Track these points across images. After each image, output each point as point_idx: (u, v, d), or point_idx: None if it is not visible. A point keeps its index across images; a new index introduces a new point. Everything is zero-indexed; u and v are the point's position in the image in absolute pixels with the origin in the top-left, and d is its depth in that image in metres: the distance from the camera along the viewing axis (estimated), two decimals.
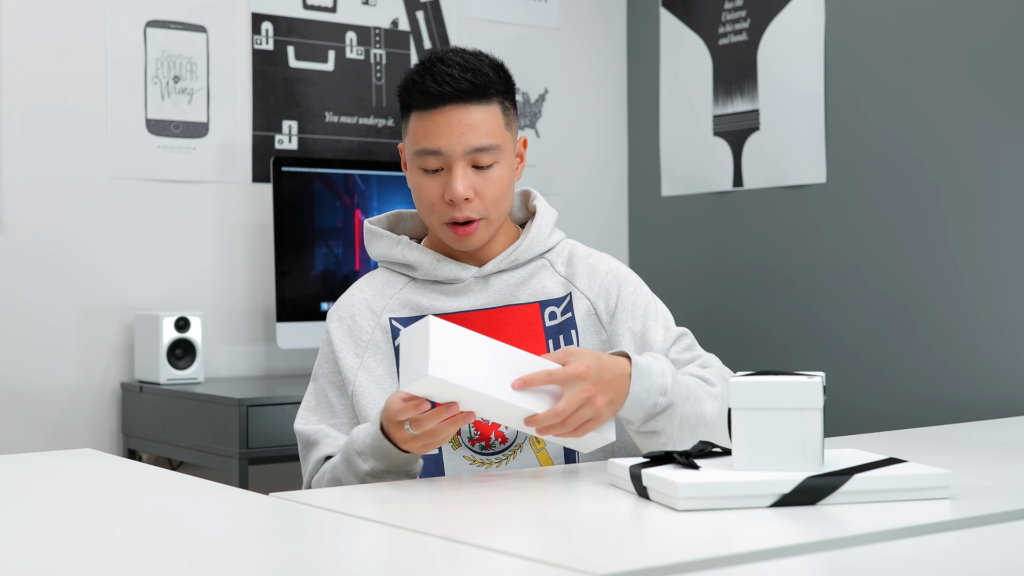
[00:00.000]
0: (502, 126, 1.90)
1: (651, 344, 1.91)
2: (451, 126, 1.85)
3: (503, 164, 1.90)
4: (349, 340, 1.92)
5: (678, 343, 1.93)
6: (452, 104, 1.85)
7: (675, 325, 1.96)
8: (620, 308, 1.94)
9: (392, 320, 1.93)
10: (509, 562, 1.21)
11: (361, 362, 1.91)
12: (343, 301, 1.97)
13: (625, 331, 1.92)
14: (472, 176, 1.87)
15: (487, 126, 1.87)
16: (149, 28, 3.47)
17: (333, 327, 1.94)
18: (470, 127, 1.86)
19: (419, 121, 1.87)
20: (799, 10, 3.74)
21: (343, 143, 3.77)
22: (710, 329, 3.97)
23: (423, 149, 1.87)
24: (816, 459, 1.48)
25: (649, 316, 1.94)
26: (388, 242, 1.98)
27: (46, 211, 3.33)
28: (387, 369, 1.90)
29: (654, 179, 4.22)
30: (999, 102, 3.25)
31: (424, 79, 1.86)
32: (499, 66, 1.92)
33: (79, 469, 1.87)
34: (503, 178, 1.90)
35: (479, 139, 1.86)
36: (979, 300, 3.29)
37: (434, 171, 1.88)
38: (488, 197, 1.88)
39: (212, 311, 3.54)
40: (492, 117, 1.88)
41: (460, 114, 1.85)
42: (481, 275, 1.94)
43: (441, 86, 1.85)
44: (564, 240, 2.03)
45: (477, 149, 1.86)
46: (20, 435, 3.28)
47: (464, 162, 1.86)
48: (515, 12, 4.12)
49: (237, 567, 1.22)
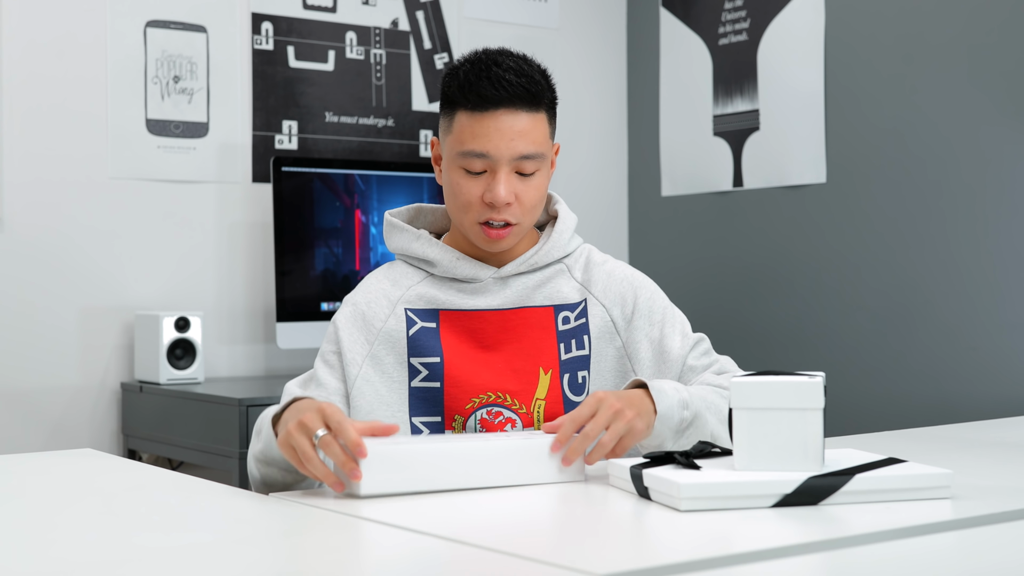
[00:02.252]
0: (547, 135, 1.91)
1: (668, 351, 1.91)
2: (501, 131, 1.85)
3: (543, 172, 1.91)
4: (362, 325, 1.91)
5: (695, 349, 1.93)
6: (504, 109, 1.85)
7: (691, 331, 1.96)
8: (637, 315, 1.94)
9: (408, 311, 1.93)
10: (509, 562, 1.21)
11: (370, 349, 1.90)
12: (360, 288, 1.97)
13: (643, 338, 1.93)
14: (514, 181, 1.87)
15: (535, 134, 1.87)
16: (149, 28, 3.47)
17: (345, 314, 1.94)
18: (520, 133, 1.86)
19: (468, 121, 1.86)
20: (799, 10, 3.74)
21: (343, 143, 3.77)
22: (710, 329, 3.96)
23: (470, 151, 1.86)
24: (817, 459, 1.48)
25: (667, 323, 1.94)
26: (408, 236, 1.98)
27: (46, 211, 3.33)
28: (397, 358, 1.90)
29: (654, 179, 4.22)
30: (999, 102, 3.25)
31: (480, 81, 1.85)
32: (546, 74, 1.93)
33: (79, 469, 1.86)
34: (542, 186, 1.91)
35: (527, 147, 1.86)
36: (979, 300, 3.29)
37: (476, 173, 1.88)
38: (527, 203, 1.89)
39: (212, 311, 3.54)
40: (540, 125, 1.89)
41: (511, 120, 1.85)
42: (500, 276, 1.94)
43: (497, 90, 1.84)
44: (582, 246, 2.03)
45: (524, 156, 1.86)
46: (20, 435, 3.28)
47: (509, 167, 1.86)
48: (515, 12, 4.12)
49: (237, 567, 1.22)
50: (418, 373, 1.89)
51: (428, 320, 1.92)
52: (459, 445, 1.60)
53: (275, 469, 1.73)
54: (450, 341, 1.91)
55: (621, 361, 1.94)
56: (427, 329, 1.91)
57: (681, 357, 1.91)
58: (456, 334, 1.91)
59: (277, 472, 1.73)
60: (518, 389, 1.88)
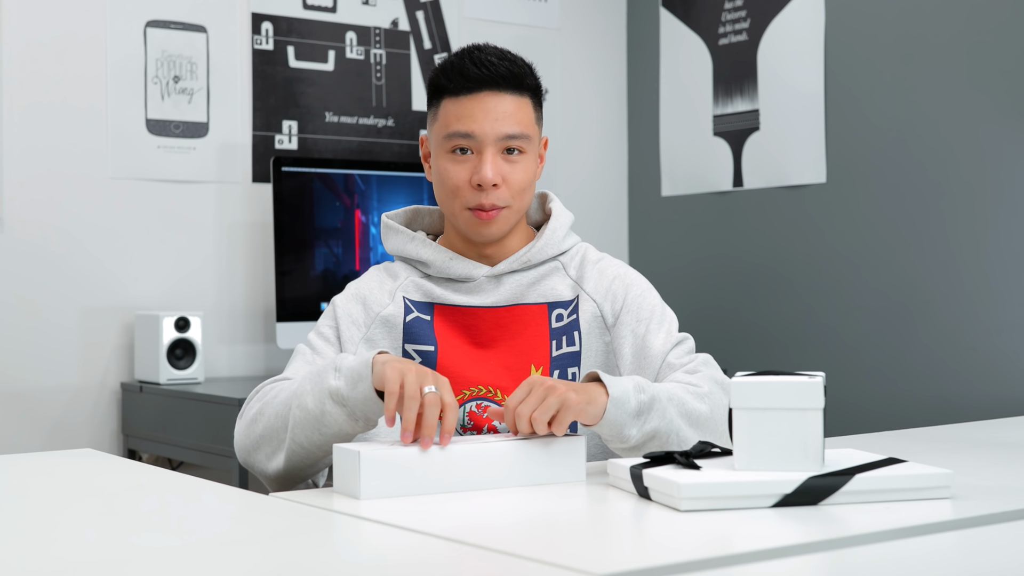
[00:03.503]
0: (533, 120, 1.94)
1: (649, 347, 1.91)
2: (486, 111, 1.88)
3: (530, 156, 1.93)
4: (360, 308, 1.93)
5: (677, 348, 1.92)
6: (488, 90, 1.89)
7: (678, 332, 1.95)
8: (625, 311, 1.94)
9: (406, 299, 1.94)
10: (509, 562, 1.20)
11: (366, 332, 1.92)
12: (361, 278, 2.00)
13: (628, 333, 1.93)
14: (501, 163, 1.89)
15: (520, 115, 1.91)
16: (149, 28, 3.47)
17: (346, 295, 1.96)
18: (504, 114, 1.89)
19: (452, 105, 1.90)
20: (799, 10, 3.74)
21: (343, 143, 3.77)
22: (710, 329, 3.96)
23: (455, 132, 1.89)
24: (817, 459, 1.48)
25: (654, 321, 1.93)
26: (403, 237, 1.99)
27: (46, 211, 3.33)
28: (393, 343, 1.92)
29: (654, 179, 4.22)
30: (999, 102, 3.25)
31: (463, 62, 1.89)
32: (530, 65, 1.97)
33: (79, 469, 1.86)
34: (529, 169, 1.93)
35: (512, 127, 1.89)
36: (979, 300, 3.29)
37: (463, 157, 1.89)
38: (515, 185, 1.90)
39: (212, 311, 3.54)
40: (525, 108, 1.92)
41: (495, 100, 1.89)
42: (493, 274, 1.95)
43: (480, 69, 1.88)
44: (579, 244, 2.04)
45: (509, 136, 1.89)
46: (20, 435, 3.28)
47: (495, 148, 1.89)
48: (515, 12, 4.11)
49: (237, 567, 1.22)
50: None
51: (424, 312, 1.94)
52: (458, 448, 1.60)
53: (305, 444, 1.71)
54: (444, 334, 1.92)
55: (609, 356, 1.94)
56: (422, 320, 1.93)
57: (661, 354, 1.89)
58: (450, 328, 1.93)
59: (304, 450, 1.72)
60: (509, 385, 1.89)
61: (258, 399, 1.84)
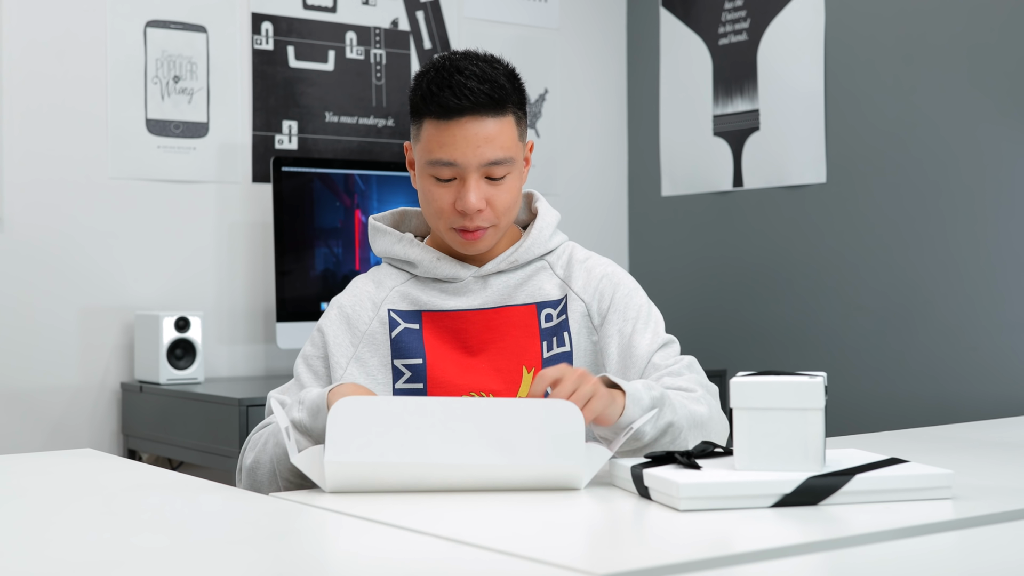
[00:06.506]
0: (516, 138, 1.90)
1: (635, 347, 1.90)
2: (467, 139, 1.84)
3: (515, 175, 1.90)
4: (346, 328, 1.93)
5: (663, 349, 1.92)
6: (468, 116, 1.84)
7: (665, 333, 1.95)
8: (612, 310, 1.94)
9: (391, 312, 1.94)
10: (509, 562, 1.20)
11: (355, 352, 1.92)
12: (345, 292, 1.99)
13: (614, 332, 1.92)
14: (485, 187, 1.87)
15: (502, 139, 1.86)
16: (149, 28, 3.47)
17: (331, 316, 1.96)
18: (486, 140, 1.85)
19: (434, 130, 1.86)
20: (799, 10, 3.74)
21: (343, 143, 3.77)
22: (710, 329, 3.96)
23: (437, 160, 1.86)
24: (818, 459, 1.48)
25: (640, 320, 1.93)
26: (391, 239, 1.99)
27: (46, 211, 3.33)
28: (381, 360, 1.91)
29: (654, 179, 4.22)
30: (999, 102, 3.25)
31: (442, 92, 1.84)
32: (513, 74, 1.91)
33: (79, 469, 1.86)
34: (514, 188, 1.90)
35: (494, 152, 1.85)
36: (979, 300, 3.29)
37: (446, 183, 1.88)
38: (499, 207, 1.89)
39: (212, 311, 3.54)
40: (507, 129, 1.87)
41: (476, 127, 1.84)
42: (480, 275, 1.95)
43: (460, 99, 1.83)
44: (565, 243, 2.03)
45: (492, 162, 1.86)
46: (20, 435, 3.28)
47: (478, 174, 1.86)
48: (515, 12, 4.11)
49: (237, 567, 1.22)
50: (401, 375, 1.90)
51: (411, 321, 1.93)
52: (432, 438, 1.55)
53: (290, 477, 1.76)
54: (433, 343, 1.91)
55: (597, 356, 1.94)
56: (410, 330, 1.92)
57: (647, 355, 1.89)
58: (439, 335, 1.92)
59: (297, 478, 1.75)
60: (501, 389, 1.89)
61: (250, 449, 1.89)
